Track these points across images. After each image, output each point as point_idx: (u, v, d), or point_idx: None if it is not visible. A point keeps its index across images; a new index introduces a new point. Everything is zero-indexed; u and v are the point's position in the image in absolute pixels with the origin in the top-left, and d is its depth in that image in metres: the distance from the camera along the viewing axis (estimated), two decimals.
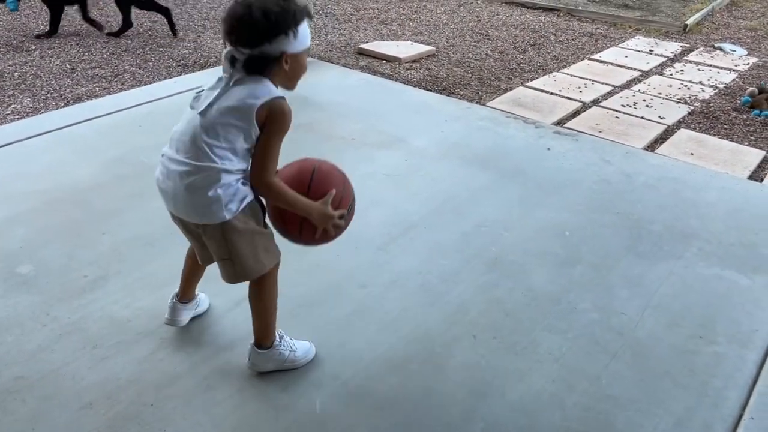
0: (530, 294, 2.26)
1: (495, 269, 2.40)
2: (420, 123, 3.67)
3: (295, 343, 1.91)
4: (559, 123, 3.75)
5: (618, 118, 3.81)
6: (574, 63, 4.84)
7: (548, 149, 3.35)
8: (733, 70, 4.72)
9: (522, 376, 1.90)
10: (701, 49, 5.24)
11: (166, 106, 3.78)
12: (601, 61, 4.88)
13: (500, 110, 3.88)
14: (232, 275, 1.71)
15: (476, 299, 2.23)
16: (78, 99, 3.91)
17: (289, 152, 1.74)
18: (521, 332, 2.08)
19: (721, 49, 5.25)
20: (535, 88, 4.27)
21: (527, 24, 5.87)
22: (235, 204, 1.61)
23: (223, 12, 1.59)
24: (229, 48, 1.56)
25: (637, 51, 5.13)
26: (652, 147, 3.48)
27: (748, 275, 2.38)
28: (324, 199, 1.65)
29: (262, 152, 1.59)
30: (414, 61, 4.86)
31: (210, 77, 1.67)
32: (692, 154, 3.39)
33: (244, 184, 1.63)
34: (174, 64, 4.59)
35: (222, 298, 2.14)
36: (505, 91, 4.27)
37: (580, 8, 6.26)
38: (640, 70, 4.69)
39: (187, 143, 1.60)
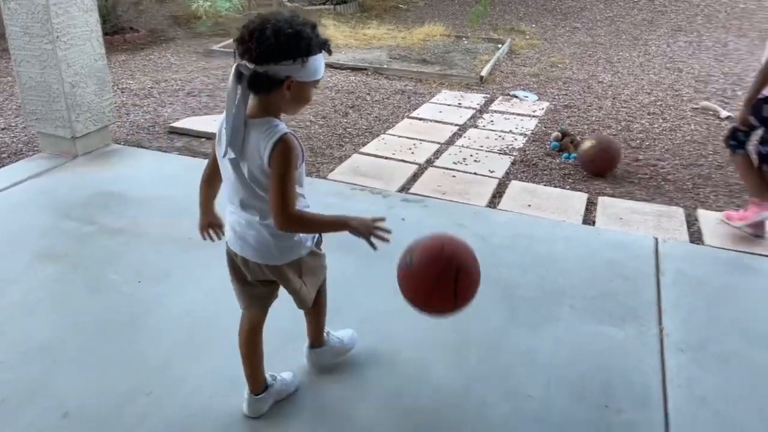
0: (437, 396, 2.10)
1: (394, 372, 2.20)
2: None
3: (336, 337, 2.19)
4: (404, 189, 3.73)
5: (455, 177, 3.90)
6: (396, 123, 4.93)
7: (402, 219, 3.28)
8: (533, 116, 5.19)
9: None
10: (500, 98, 5.70)
11: None
12: (420, 119, 5.04)
13: (343, 182, 3.75)
14: (305, 301, 1.88)
15: (384, 415, 2.01)
16: None
17: (108, 262, 1.37)
18: None
19: (516, 96, 5.76)
20: (369, 154, 4.24)
21: (340, 85, 5.90)
22: (309, 241, 1.79)
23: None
24: (237, 60, 1.54)
25: (447, 105, 5.41)
26: (493, 203, 3.60)
27: (620, 326, 2.49)
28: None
29: (278, 190, 1.57)
30: None
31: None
32: (529, 205, 3.57)
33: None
34: None
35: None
36: (341, 159, 4.17)
37: (385, 66, 6.48)
38: (456, 125, 4.92)
39: (250, 199, 1.66)
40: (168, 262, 2.82)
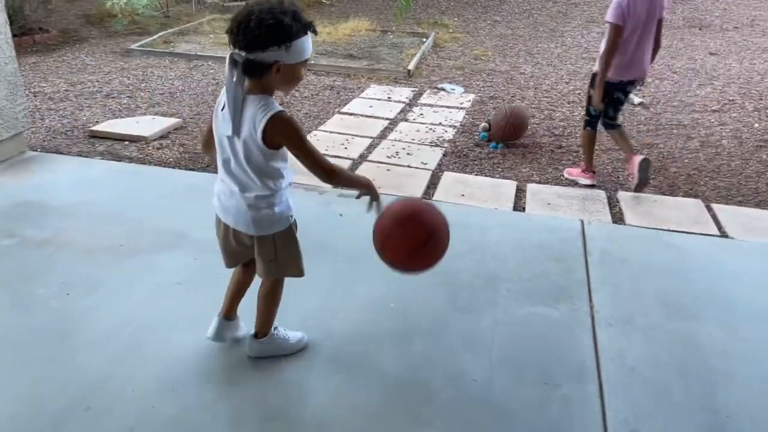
0: (384, 387, 2.13)
1: (340, 367, 2.21)
2: (196, 211, 3.26)
3: (287, 333, 2.25)
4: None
5: (389, 170, 3.95)
6: (327, 119, 4.92)
7: (340, 215, 3.30)
8: (461, 108, 5.31)
9: None
10: (428, 91, 5.80)
11: None
12: (351, 114, 5.05)
13: None
14: (272, 272, 2.05)
15: (335, 411, 2.02)
16: None
17: (34, 276, 1.33)
18: None
19: (443, 89, 5.88)
20: None
21: None
22: (285, 221, 1.96)
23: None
24: (230, 49, 1.71)
25: (377, 100, 5.45)
26: (428, 194, 3.67)
27: (554, 306, 2.60)
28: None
29: (306, 157, 1.82)
30: (162, 138, 4.40)
31: None
32: (463, 195, 3.66)
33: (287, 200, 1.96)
34: None
35: None
36: None
37: (312, 62, 6.44)
38: (387, 119, 4.97)
39: (236, 171, 1.85)
40: (97, 272, 2.71)
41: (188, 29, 7.73)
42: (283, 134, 1.77)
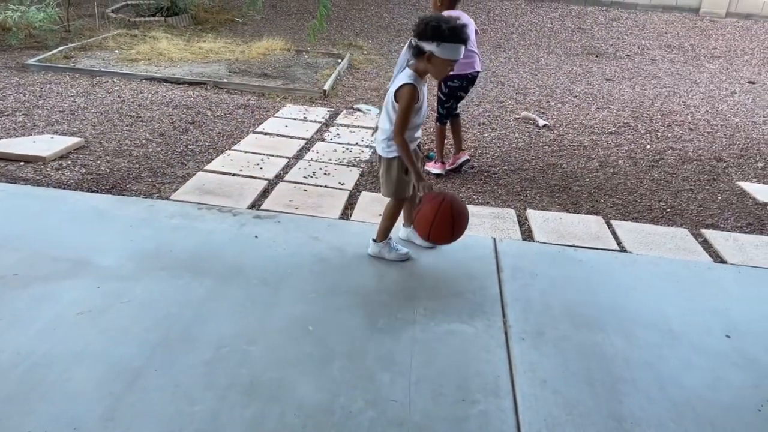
0: (302, 413, 2.09)
1: (256, 396, 2.14)
2: (100, 236, 3.11)
3: (398, 245, 3.14)
4: (255, 206, 3.66)
5: (306, 191, 3.91)
6: (241, 138, 4.82)
7: (256, 237, 3.22)
8: (377, 129, 5.37)
9: None
10: (344, 111, 5.83)
11: None
12: (266, 133, 4.98)
13: (188, 202, 3.58)
14: (383, 190, 3.05)
15: None
16: None
17: None
18: None
19: (359, 109, 5.93)
20: (215, 171, 4.09)
21: (177, 100, 5.63)
22: (393, 154, 2.90)
23: None
24: (411, 36, 2.73)
25: (293, 119, 5.41)
26: (346, 215, 3.67)
27: (470, 323, 2.66)
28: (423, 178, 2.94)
29: (397, 119, 2.76)
30: (62, 158, 4.14)
31: None
32: (380, 215, 3.66)
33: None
34: None
35: None
36: (184, 178, 3.97)
37: (225, 80, 6.31)
38: (304, 138, 4.94)
39: (383, 111, 2.89)
40: None
41: (91, 44, 7.36)
42: (400, 97, 2.72)
